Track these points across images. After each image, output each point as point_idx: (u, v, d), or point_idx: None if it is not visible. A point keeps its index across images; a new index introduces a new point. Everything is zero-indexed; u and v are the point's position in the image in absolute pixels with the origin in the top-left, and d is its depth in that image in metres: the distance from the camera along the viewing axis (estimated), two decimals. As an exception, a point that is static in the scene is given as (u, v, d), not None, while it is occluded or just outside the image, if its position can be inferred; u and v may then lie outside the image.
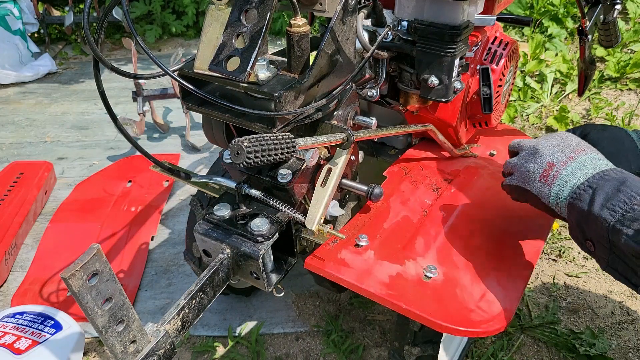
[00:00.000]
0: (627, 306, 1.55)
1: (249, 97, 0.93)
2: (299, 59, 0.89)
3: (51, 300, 1.59)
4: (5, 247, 1.72)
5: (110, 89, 2.94)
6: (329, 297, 1.59)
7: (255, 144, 0.77)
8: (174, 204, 2.03)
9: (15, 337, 1.29)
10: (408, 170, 1.27)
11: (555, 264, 1.70)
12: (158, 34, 3.63)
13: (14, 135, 2.59)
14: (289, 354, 1.45)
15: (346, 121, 1.07)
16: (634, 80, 2.66)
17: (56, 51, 3.59)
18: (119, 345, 0.74)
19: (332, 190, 0.99)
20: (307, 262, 1.00)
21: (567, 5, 3.19)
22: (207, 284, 0.92)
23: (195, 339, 1.49)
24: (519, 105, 2.53)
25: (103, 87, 0.86)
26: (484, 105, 1.25)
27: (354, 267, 0.99)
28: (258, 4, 0.83)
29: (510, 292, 0.97)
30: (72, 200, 2.02)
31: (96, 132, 2.59)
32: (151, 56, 0.77)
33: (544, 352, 1.43)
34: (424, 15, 1.07)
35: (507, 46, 1.26)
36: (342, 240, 1.04)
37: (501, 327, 0.90)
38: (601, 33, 1.55)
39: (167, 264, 1.74)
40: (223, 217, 1.00)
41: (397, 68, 1.18)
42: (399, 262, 1.01)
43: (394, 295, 0.93)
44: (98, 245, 0.66)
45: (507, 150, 1.06)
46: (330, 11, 1.00)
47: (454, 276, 0.98)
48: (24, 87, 3.12)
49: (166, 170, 1.08)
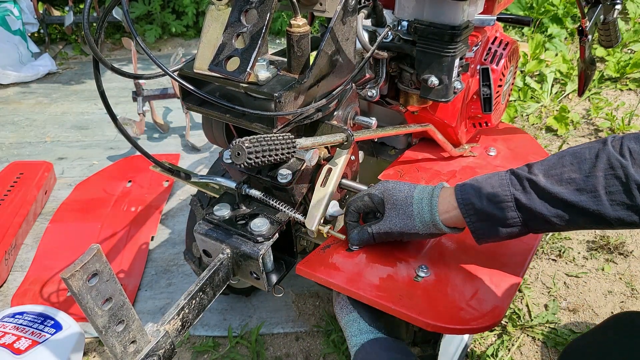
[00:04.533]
0: (627, 306, 1.55)
1: (249, 98, 0.93)
2: (299, 59, 0.89)
3: (51, 300, 1.59)
4: (5, 247, 1.72)
5: (110, 89, 2.94)
6: (329, 297, 1.59)
7: (256, 144, 0.77)
8: (174, 204, 2.03)
9: (15, 337, 1.29)
10: (403, 172, 1.27)
11: (555, 264, 1.70)
12: (158, 34, 3.62)
13: (14, 135, 2.59)
14: (289, 354, 1.45)
15: (346, 121, 1.07)
16: (634, 80, 2.66)
17: (56, 51, 3.58)
18: (119, 346, 0.74)
19: (332, 190, 0.99)
20: (298, 267, 1.00)
21: (567, 5, 3.19)
22: (207, 284, 0.92)
23: (195, 339, 1.49)
24: (519, 105, 2.53)
25: (103, 87, 0.87)
26: (484, 105, 1.25)
27: (344, 270, 0.99)
28: (258, 4, 0.83)
29: (503, 290, 0.97)
30: (72, 200, 2.02)
31: (96, 132, 2.59)
32: (151, 56, 0.77)
33: (544, 352, 1.43)
34: (424, 15, 1.07)
35: (507, 46, 1.26)
36: (334, 245, 1.04)
37: (492, 324, 0.90)
38: (601, 33, 1.55)
39: (167, 264, 1.74)
40: (223, 217, 1.00)
41: (397, 68, 1.18)
42: (390, 264, 1.01)
43: (383, 296, 0.93)
44: (98, 246, 0.66)
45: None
46: (330, 11, 1.00)
47: (445, 276, 0.99)
48: (24, 87, 3.12)
49: (166, 170, 1.08)
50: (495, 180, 0.89)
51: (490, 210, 0.87)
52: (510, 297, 0.96)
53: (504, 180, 0.88)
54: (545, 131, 2.39)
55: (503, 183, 0.87)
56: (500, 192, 0.87)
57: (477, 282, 0.98)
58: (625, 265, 1.68)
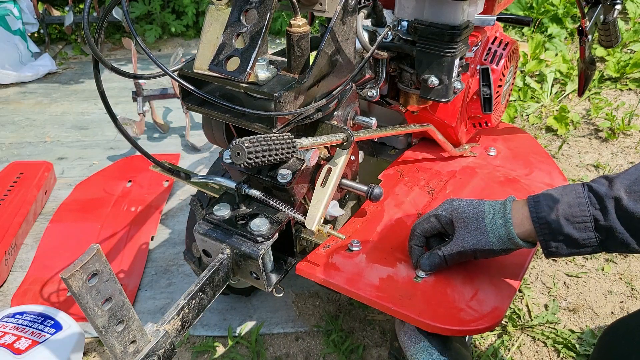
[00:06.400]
0: (627, 306, 1.55)
1: (249, 97, 0.93)
2: (299, 59, 0.89)
3: (51, 300, 1.59)
4: (5, 247, 1.72)
5: (110, 89, 2.94)
6: (329, 297, 1.59)
7: (256, 144, 0.77)
8: (174, 204, 2.03)
9: (15, 337, 1.29)
10: (403, 172, 1.27)
11: (555, 264, 1.70)
12: (158, 34, 3.62)
13: (14, 135, 2.59)
14: (289, 354, 1.45)
15: (346, 121, 1.07)
16: (634, 80, 2.66)
17: (56, 51, 3.58)
18: (118, 345, 0.74)
19: (332, 191, 0.99)
20: (298, 267, 1.00)
21: (567, 5, 3.19)
22: (207, 284, 0.92)
23: (195, 339, 1.49)
24: (519, 105, 2.53)
25: (103, 87, 0.86)
26: (484, 105, 1.25)
27: (344, 271, 0.99)
28: (258, 4, 0.83)
29: (503, 291, 0.97)
30: (72, 200, 2.02)
31: (96, 132, 2.59)
32: (151, 56, 0.77)
33: (544, 352, 1.43)
34: (423, 15, 1.07)
35: (507, 46, 1.26)
36: (334, 246, 1.04)
37: (492, 326, 0.90)
38: (601, 33, 1.55)
39: (167, 264, 1.74)
40: (223, 217, 1.00)
41: (397, 68, 1.18)
42: (390, 264, 1.01)
43: (382, 296, 0.93)
44: (98, 246, 0.66)
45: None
46: (330, 11, 1.00)
47: (445, 276, 0.99)
48: (24, 87, 3.12)
49: (166, 170, 1.08)
50: (573, 197, 0.84)
51: (567, 231, 0.83)
52: (510, 297, 0.96)
53: (582, 198, 0.83)
54: (545, 131, 2.39)
55: (582, 202, 0.83)
56: (579, 212, 0.82)
57: (476, 282, 0.98)
58: (625, 265, 1.68)
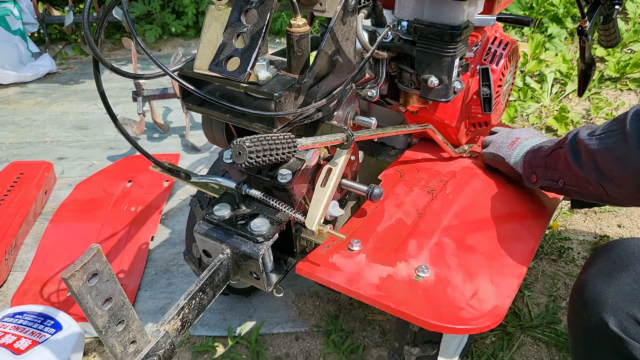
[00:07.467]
0: (627, 306, 1.55)
1: (249, 97, 0.93)
2: (299, 59, 0.89)
3: (51, 300, 1.59)
4: (5, 247, 1.72)
5: (110, 89, 2.94)
6: (329, 297, 1.59)
7: (257, 144, 0.77)
8: (174, 204, 2.03)
9: (15, 337, 1.29)
10: (403, 172, 1.27)
11: (555, 264, 1.70)
12: (158, 34, 3.62)
13: (14, 135, 2.59)
14: (289, 354, 1.45)
15: (346, 121, 1.07)
16: (634, 80, 2.66)
17: (56, 51, 3.58)
18: (118, 346, 0.74)
19: (332, 191, 0.99)
20: (298, 267, 1.00)
21: (567, 5, 3.19)
22: (207, 284, 0.92)
23: (195, 339, 1.49)
24: (519, 105, 2.53)
25: (103, 87, 0.86)
26: (484, 105, 1.25)
27: (344, 270, 0.98)
28: (258, 4, 0.83)
29: (503, 290, 0.97)
30: (72, 200, 2.02)
31: (96, 132, 2.59)
32: (151, 56, 0.77)
33: (544, 352, 1.43)
34: (423, 15, 1.07)
35: (507, 46, 1.26)
36: (334, 245, 1.04)
37: (492, 324, 0.90)
38: (601, 33, 1.55)
39: (167, 264, 1.74)
40: (223, 217, 1.00)
41: (397, 68, 1.18)
42: (390, 264, 1.01)
43: (383, 296, 0.93)
44: (98, 246, 0.66)
45: None
46: (330, 11, 1.00)
47: (446, 275, 0.99)
48: (24, 87, 3.12)
49: (166, 170, 1.08)
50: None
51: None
52: (511, 297, 0.96)
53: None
54: (545, 131, 2.39)
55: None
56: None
57: (477, 282, 0.98)
58: (625, 265, 1.68)
